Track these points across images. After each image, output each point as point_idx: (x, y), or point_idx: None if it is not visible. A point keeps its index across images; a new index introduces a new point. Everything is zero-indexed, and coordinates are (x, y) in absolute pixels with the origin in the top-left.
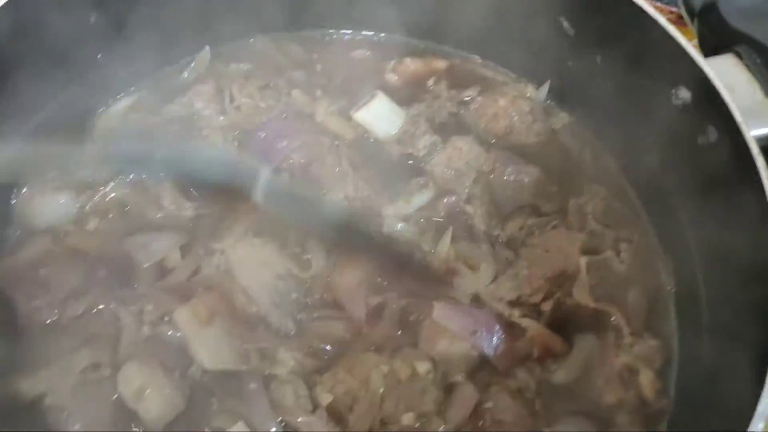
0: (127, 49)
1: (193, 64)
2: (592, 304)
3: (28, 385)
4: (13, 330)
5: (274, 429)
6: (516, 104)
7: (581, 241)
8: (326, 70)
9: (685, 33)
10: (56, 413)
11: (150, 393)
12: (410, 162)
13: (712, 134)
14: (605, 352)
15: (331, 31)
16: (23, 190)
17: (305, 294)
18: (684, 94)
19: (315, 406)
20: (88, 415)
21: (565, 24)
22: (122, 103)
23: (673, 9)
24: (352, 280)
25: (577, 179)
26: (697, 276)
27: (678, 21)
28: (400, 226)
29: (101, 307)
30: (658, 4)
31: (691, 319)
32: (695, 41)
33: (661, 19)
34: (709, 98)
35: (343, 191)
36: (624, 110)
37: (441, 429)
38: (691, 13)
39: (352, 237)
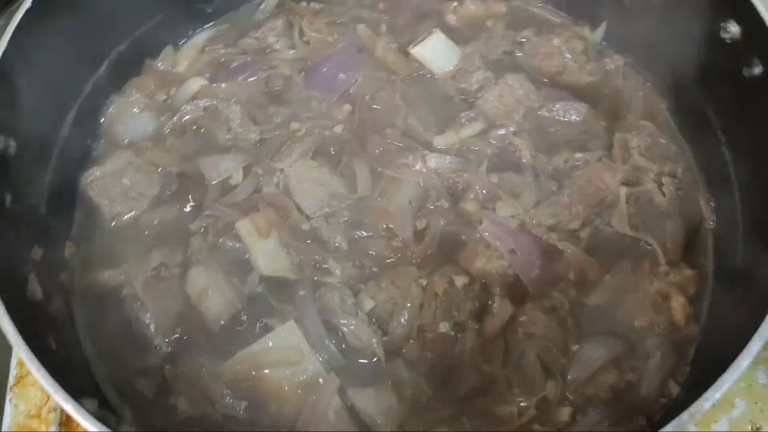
0: None
1: (263, 4)
2: (629, 233)
3: (109, 276)
4: (98, 230)
5: (320, 328)
6: (570, 44)
7: (623, 172)
8: (390, 10)
9: None
10: (131, 302)
11: (212, 293)
12: (462, 96)
13: (757, 68)
14: (640, 278)
15: None
16: (110, 109)
17: (355, 213)
18: (733, 28)
19: (358, 311)
20: (158, 306)
21: None
22: (202, 36)
23: None
24: (399, 203)
25: (625, 117)
26: (737, 214)
27: None
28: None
29: (173, 216)
30: None
31: (728, 254)
32: None
33: None
34: (756, 31)
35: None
36: (674, 50)
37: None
38: None
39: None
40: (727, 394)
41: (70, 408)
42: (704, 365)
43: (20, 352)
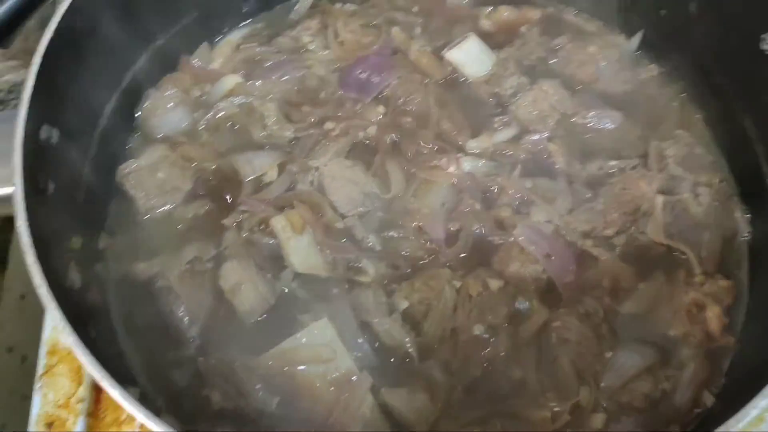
0: None
1: (298, 5)
2: (664, 241)
3: (144, 267)
4: (133, 222)
5: (353, 326)
6: (605, 52)
7: (659, 181)
8: (423, 13)
9: None
10: (166, 294)
11: (245, 288)
12: (496, 101)
13: None
14: (675, 288)
15: None
16: (146, 103)
17: (388, 213)
18: None
19: (392, 311)
20: (191, 299)
21: None
22: (237, 34)
23: None
24: (432, 204)
25: (660, 127)
26: None
27: None
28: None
29: (207, 210)
30: None
31: (764, 266)
32: None
33: None
34: None
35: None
36: (712, 61)
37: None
38: None
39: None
40: None
41: (117, 394)
42: (740, 377)
43: (68, 339)
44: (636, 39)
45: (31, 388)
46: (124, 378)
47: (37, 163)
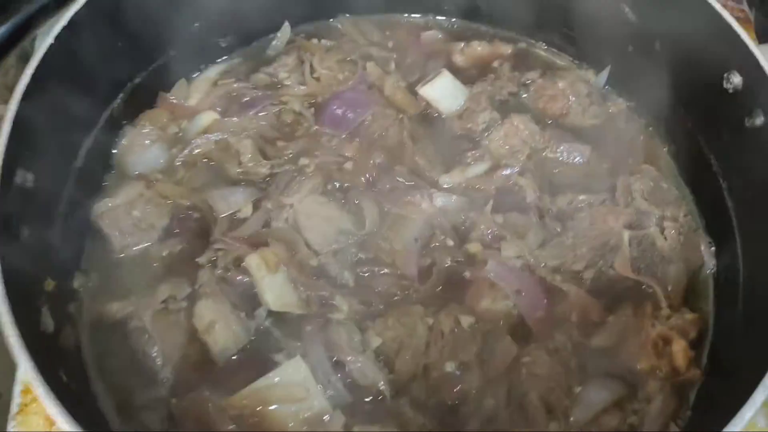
0: (221, 22)
1: (275, 41)
2: (632, 276)
3: (117, 307)
4: (107, 261)
5: (326, 365)
6: (574, 87)
7: (626, 215)
8: (398, 48)
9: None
10: (139, 335)
11: (219, 327)
12: (469, 136)
13: (759, 118)
14: (642, 322)
15: (404, 15)
16: (123, 141)
17: (362, 250)
18: (736, 78)
19: (365, 349)
20: (165, 339)
21: (627, 10)
22: (214, 70)
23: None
24: (405, 240)
25: (628, 160)
26: (738, 260)
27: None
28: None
29: (182, 248)
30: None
31: (729, 299)
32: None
33: (718, 6)
34: (759, 82)
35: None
36: (677, 96)
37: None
38: (750, 3)
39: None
40: None
41: None
42: (705, 410)
43: (36, 388)
44: (604, 74)
45: (5, 426)
46: (97, 423)
47: (11, 209)
